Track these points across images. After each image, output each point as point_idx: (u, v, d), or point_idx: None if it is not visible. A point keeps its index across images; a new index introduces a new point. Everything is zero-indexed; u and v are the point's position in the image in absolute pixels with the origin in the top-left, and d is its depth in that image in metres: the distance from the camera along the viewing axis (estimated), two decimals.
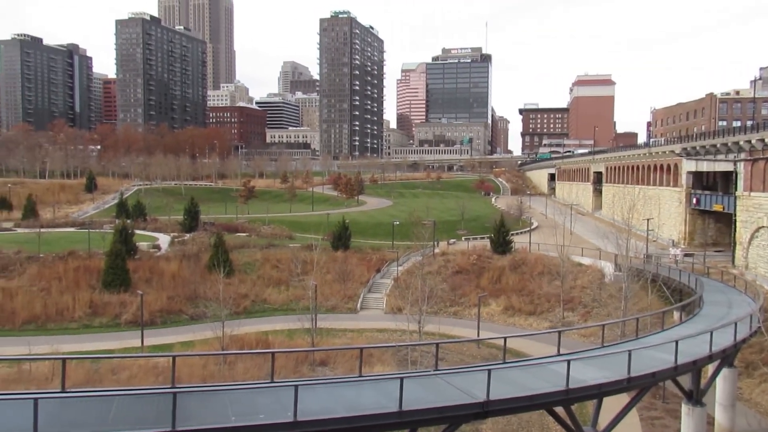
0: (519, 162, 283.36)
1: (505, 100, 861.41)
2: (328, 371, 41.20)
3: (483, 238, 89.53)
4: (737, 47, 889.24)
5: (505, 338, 26.74)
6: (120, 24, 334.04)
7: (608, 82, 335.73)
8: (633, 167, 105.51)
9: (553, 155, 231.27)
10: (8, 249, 68.20)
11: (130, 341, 47.77)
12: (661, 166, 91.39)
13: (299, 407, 16.46)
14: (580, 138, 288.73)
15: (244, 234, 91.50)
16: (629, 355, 22.84)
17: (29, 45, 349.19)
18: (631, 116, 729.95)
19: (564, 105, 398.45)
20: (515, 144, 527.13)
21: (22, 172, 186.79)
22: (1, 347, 40.85)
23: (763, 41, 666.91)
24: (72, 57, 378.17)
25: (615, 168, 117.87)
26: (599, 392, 22.25)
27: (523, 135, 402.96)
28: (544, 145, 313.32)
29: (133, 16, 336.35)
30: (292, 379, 25.83)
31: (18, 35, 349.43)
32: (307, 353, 42.61)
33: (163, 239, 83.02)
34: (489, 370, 19.61)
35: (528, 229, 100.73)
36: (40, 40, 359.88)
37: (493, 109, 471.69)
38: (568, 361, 21.43)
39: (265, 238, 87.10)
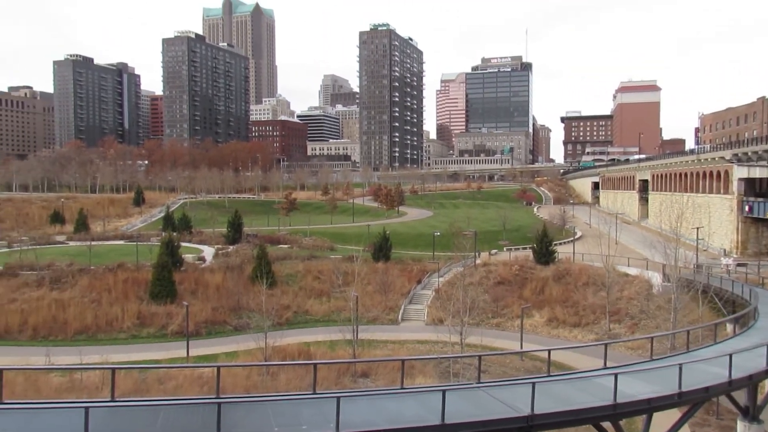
0: (561, 171, 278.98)
1: (547, 108, 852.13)
2: (370, 383, 41.10)
3: (525, 248, 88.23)
4: None
5: (549, 350, 26.23)
6: (166, 42, 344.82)
7: (653, 87, 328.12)
8: (681, 174, 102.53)
9: (597, 163, 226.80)
10: (61, 261, 70.60)
11: (176, 351, 48.68)
12: (711, 173, 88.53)
13: (341, 419, 16.46)
14: (625, 145, 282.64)
15: (286, 246, 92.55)
16: (680, 368, 22.07)
17: (81, 65, 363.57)
18: (678, 122, 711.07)
19: (607, 112, 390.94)
20: (557, 152, 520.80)
21: (74, 187, 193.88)
22: (54, 357, 42.16)
23: None
24: (121, 75, 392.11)
25: (662, 175, 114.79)
26: (649, 407, 21.53)
27: (565, 143, 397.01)
28: (587, 153, 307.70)
29: (178, 34, 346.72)
30: (334, 391, 25.88)
31: (70, 55, 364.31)
32: (348, 364, 42.64)
33: (208, 251, 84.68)
34: (533, 383, 19.22)
35: (571, 239, 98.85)
36: (91, 60, 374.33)
37: (534, 118, 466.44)
38: (616, 375, 20.85)
39: (307, 249, 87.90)
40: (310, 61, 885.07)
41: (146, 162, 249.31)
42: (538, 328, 59.57)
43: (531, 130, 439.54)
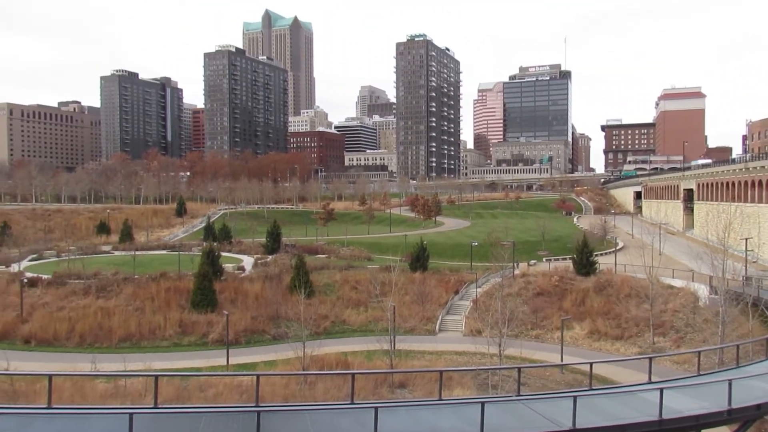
0: (602, 180, 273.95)
1: (587, 116, 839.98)
2: (407, 393, 40.89)
3: (565, 259, 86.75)
4: None
5: (591, 363, 25.68)
6: (208, 57, 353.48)
7: (698, 94, 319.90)
8: (728, 183, 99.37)
9: (639, 172, 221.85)
10: (107, 271, 72.64)
11: (216, 360, 49.36)
12: (760, 182, 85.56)
13: (379, 429, 16.41)
14: (668, 154, 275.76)
15: (323, 256, 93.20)
16: (729, 384, 21.27)
17: (126, 80, 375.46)
18: (725, 129, 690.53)
19: (649, 120, 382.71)
20: (597, 161, 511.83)
21: (119, 198, 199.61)
22: (100, 363, 43.30)
23: None
24: (164, 89, 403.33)
25: (708, 185, 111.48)
26: (696, 423, 20.79)
27: (605, 152, 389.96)
28: (629, 162, 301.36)
29: (219, 48, 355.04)
30: (372, 401, 25.84)
31: (116, 71, 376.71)
32: (386, 375, 42.54)
33: (247, 261, 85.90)
34: (575, 397, 18.82)
35: (613, 249, 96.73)
36: (136, 75, 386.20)
37: (573, 127, 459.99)
38: (661, 389, 20.23)
39: (344, 259, 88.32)
40: (347, 73, 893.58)
41: (188, 173, 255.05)
42: (579, 340, 58.35)
43: (570, 139, 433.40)
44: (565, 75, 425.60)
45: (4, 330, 55.93)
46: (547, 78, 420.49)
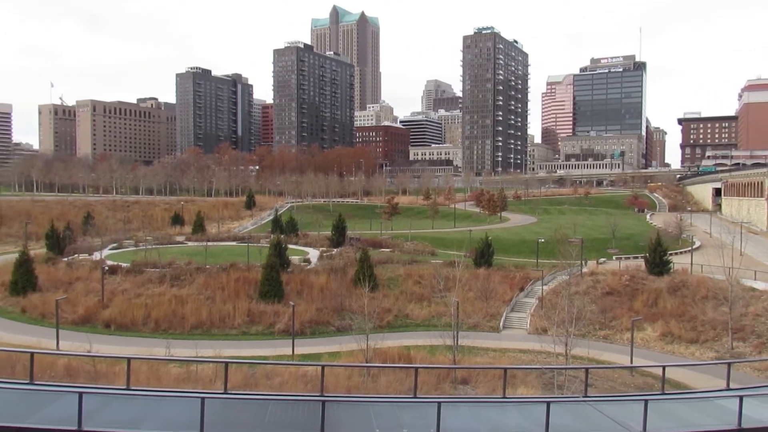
0: (678, 176, 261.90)
1: (662, 109, 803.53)
2: (470, 390, 40.64)
3: (636, 257, 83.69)
4: None
5: (663, 367, 24.66)
6: (277, 53, 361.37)
7: None
8: None
9: (719, 168, 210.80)
10: (180, 260, 75.68)
11: (282, 349, 50.57)
12: None
13: (441, 425, 16.36)
14: (752, 148, 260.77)
15: (387, 249, 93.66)
16: None
17: (200, 76, 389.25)
18: None
19: (731, 113, 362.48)
20: (673, 157, 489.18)
21: (192, 191, 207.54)
22: (173, 349, 45.25)
23: None
24: (236, 85, 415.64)
25: None
26: None
27: (682, 147, 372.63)
28: (708, 157, 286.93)
29: (288, 45, 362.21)
30: (435, 396, 25.83)
31: (191, 68, 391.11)
32: (449, 370, 42.39)
33: (313, 253, 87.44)
34: (646, 400, 18.09)
35: (689, 248, 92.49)
36: (209, 72, 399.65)
37: (647, 120, 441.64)
38: (741, 397, 19.16)
39: (408, 253, 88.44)
40: (413, 67, 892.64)
41: (257, 167, 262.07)
42: (650, 342, 56.22)
43: (644, 133, 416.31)
44: (640, 66, 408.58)
45: (87, 314, 59.35)
46: (621, 70, 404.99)
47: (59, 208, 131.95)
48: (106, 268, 68.95)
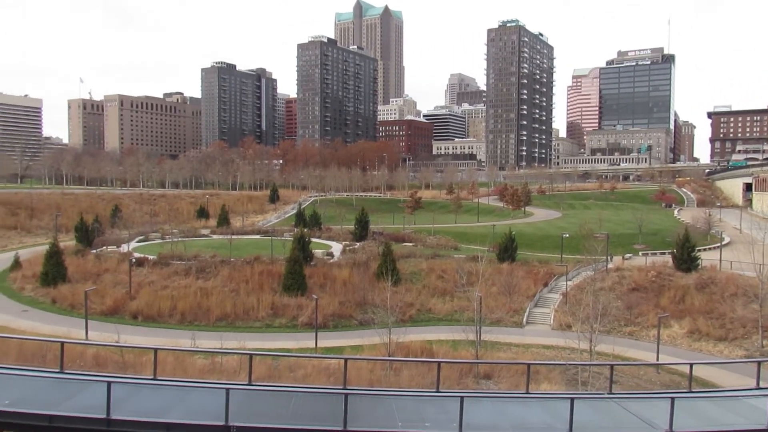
0: (707, 170, 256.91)
1: (691, 103, 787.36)
2: (492, 385, 40.48)
3: (663, 253, 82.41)
4: None
5: (691, 364, 24.33)
6: (301, 47, 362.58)
7: None
8: None
9: (750, 162, 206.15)
10: (206, 253, 76.65)
11: (305, 342, 50.98)
12: None
13: (464, 419, 16.35)
14: None
15: (410, 244, 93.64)
16: None
17: (225, 71, 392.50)
18: None
19: (763, 106, 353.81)
20: (702, 151, 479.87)
21: (217, 185, 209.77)
22: (199, 340, 45.92)
23: None
24: (260, 80, 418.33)
25: None
26: None
27: (712, 141, 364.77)
28: (738, 151, 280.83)
29: (312, 39, 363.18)
30: (457, 390, 25.80)
31: (216, 63, 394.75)
32: (471, 365, 42.29)
33: (336, 247, 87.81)
34: (672, 398, 17.84)
35: (718, 244, 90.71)
36: (234, 66, 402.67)
37: (676, 114, 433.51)
38: None
39: (431, 248, 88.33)
40: (437, 61, 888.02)
41: (281, 161, 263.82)
42: (677, 339, 55.38)
43: (672, 126, 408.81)
44: (668, 59, 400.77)
45: (115, 305, 60.48)
46: (648, 62, 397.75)
47: (88, 201, 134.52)
48: (134, 260, 70.11)
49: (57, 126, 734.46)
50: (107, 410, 16.23)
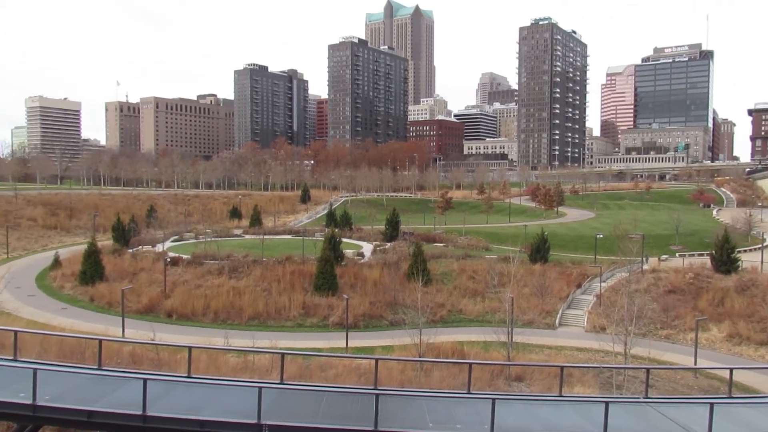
0: (747, 169, 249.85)
1: (731, 100, 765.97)
2: (524, 387, 40.03)
3: (702, 255, 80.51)
4: None
5: (731, 369, 23.68)
6: (332, 48, 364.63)
7: None
8: None
9: None
10: (238, 253, 77.57)
11: (336, 342, 51.16)
12: None
13: (495, 421, 16.21)
14: None
15: (441, 244, 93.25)
16: None
17: (257, 73, 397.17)
18: None
19: None
20: (742, 149, 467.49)
21: (249, 185, 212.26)
22: (231, 339, 46.48)
23: None
24: (291, 81, 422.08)
25: None
26: None
27: (753, 139, 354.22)
28: None
29: (343, 40, 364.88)
30: (489, 392, 25.59)
31: (249, 65, 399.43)
32: (502, 367, 41.91)
33: (367, 247, 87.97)
34: (711, 404, 17.39)
35: (759, 246, 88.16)
36: (266, 68, 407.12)
37: (714, 111, 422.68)
38: None
39: (462, 248, 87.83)
40: (468, 60, 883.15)
41: (312, 162, 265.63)
42: (716, 343, 53.99)
43: (711, 124, 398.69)
44: (707, 55, 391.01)
45: (151, 304, 61.65)
46: (686, 59, 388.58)
47: (124, 202, 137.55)
48: (168, 259, 71.41)
49: (94, 128, 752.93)
50: (143, 407, 16.56)
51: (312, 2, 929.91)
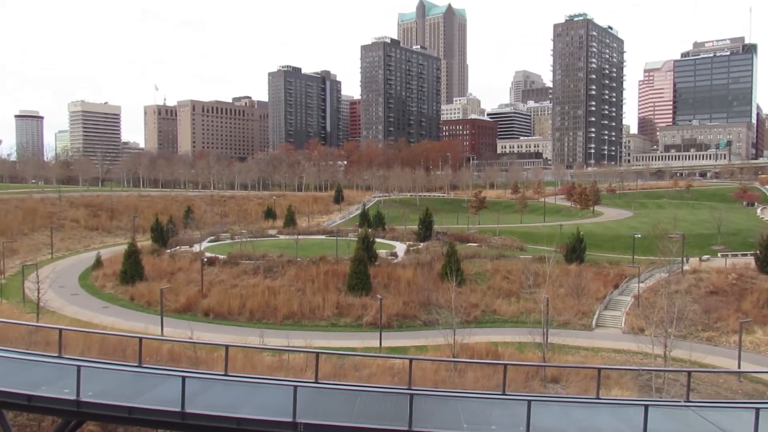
0: None
1: None
2: (560, 389, 39.48)
3: (745, 255, 78.10)
4: None
5: None
6: (364, 49, 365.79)
7: None
8: None
9: None
10: (273, 253, 78.49)
11: (370, 341, 51.34)
12: None
13: (531, 423, 16.04)
14: None
15: (474, 244, 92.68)
16: None
17: (291, 74, 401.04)
18: None
19: None
20: None
21: (284, 186, 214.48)
22: (267, 338, 47.08)
23: None
24: (324, 82, 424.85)
25: None
26: None
27: None
28: None
29: (375, 40, 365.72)
30: (524, 393, 25.32)
31: (282, 67, 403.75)
32: (537, 368, 41.42)
33: (400, 247, 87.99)
34: (757, 409, 16.86)
35: None
36: (299, 70, 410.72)
37: (758, 107, 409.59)
38: None
39: (496, 248, 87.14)
40: (501, 58, 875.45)
41: (345, 162, 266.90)
42: (761, 346, 52.34)
43: (754, 120, 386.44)
44: (750, 49, 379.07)
45: (188, 303, 62.87)
46: (728, 53, 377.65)
47: (163, 203, 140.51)
48: (205, 259, 72.70)
49: (133, 131, 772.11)
50: (182, 403, 16.90)
51: (345, 4, 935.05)
